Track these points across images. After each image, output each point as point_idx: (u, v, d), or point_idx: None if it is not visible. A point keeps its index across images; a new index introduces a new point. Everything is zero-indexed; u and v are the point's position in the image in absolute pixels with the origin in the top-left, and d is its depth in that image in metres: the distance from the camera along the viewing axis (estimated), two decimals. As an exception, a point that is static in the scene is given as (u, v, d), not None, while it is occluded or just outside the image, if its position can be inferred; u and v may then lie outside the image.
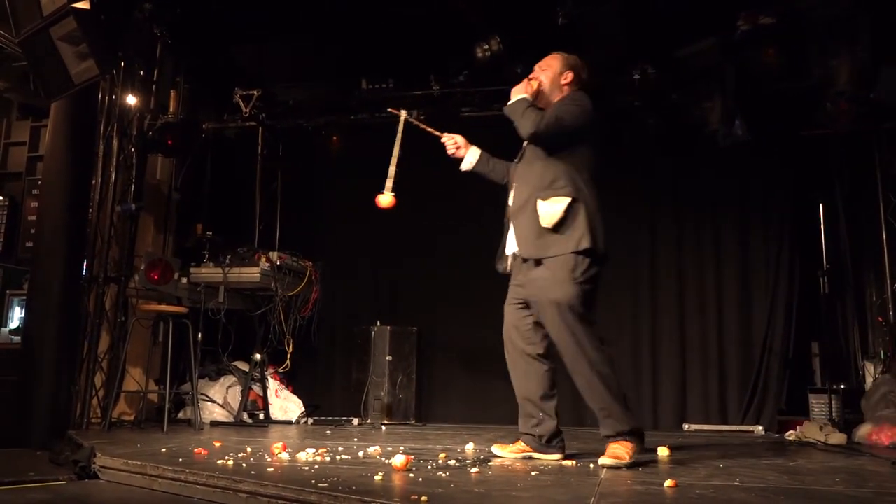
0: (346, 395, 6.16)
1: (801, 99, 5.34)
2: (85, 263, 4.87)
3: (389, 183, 3.37)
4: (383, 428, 5.39)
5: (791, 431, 4.74)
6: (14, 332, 5.74)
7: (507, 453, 3.36)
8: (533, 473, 2.74)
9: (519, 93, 3.23)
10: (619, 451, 3.01)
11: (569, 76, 3.33)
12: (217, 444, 3.69)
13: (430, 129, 3.46)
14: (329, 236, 6.65)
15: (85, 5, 3.79)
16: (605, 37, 5.06)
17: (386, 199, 3.36)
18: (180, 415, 5.57)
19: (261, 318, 5.84)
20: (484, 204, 6.10)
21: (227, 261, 5.50)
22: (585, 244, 3.07)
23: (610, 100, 5.82)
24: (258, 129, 6.51)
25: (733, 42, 5.10)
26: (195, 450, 3.34)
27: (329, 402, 6.35)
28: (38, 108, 6.14)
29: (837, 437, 4.35)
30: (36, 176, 6.18)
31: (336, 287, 6.45)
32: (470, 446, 3.81)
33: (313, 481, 2.42)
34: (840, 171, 5.74)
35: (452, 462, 3.06)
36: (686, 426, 5.57)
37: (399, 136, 3.44)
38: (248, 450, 3.40)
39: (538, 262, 3.14)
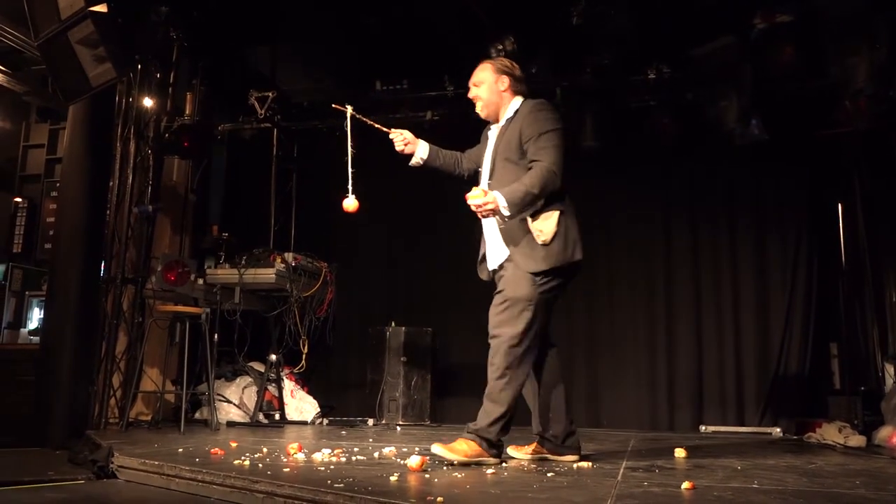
0: (361, 396, 6.17)
1: (818, 97, 5.29)
2: (102, 265, 4.91)
3: (350, 185, 3.26)
4: (398, 428, 5.39)
5: (810, 433, 4.70)
6: (33, 332, 5.80)
7: (523, 455, 3.34)
8: (549, 475, 2.73)
9: (491, 198, 2.96)
10: (459, 446, 3.01)
11: (504, 81, 3.30)
12: (233, 445, 3.70)
13: (377, 126, 3.40)
14: (344, 237, 6.66)
15: (102, 9, 3.83)
16: (619, 36, 5.04)
17: (351, 203, 3.24)
18: (197, 415, 5.60)
19: (276, 318, 5.86)
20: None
21: (243, 262, 5.53)
22: (578, 256, 3.15)
23: (624, 99, 5.80)
24: (273, 130, 6.54)
25: (750, 40, 5.06)
26: (212, 450, 3.36)
27: (344, 403, 6.37)
28: (56, 110, 6.21)
29: (857, 440, 4.31)
30: (54, 178, 6.24)
31: (351, 288, 6.46)
32: (485, 447, 3.79)
33: (329, 482, 2.43)
34: (859, 170, 5.67)
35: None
36: (703, 428, 5.53)
37: (349, 133, 3.35)
38: (264, 450, 3.41)
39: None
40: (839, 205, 5.34)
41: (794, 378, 5.54)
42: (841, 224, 5.29)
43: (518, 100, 3.31)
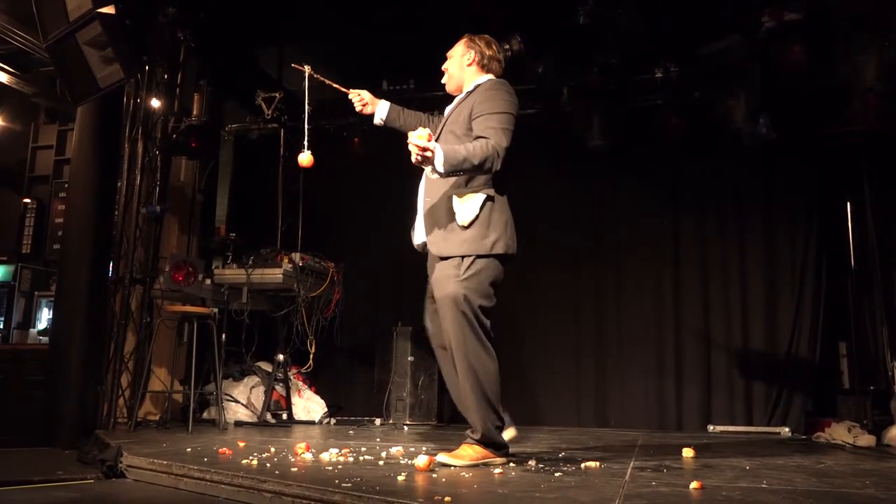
0: (369, 396, 6.18)
1: (827, 96, 5.27)
2: (111, 265, 4.93)
3: (305, 142, 3.34)
4: (406, 428, 5.40)
5: (819, 433, 4.68)
6: (42, 332, 5.82)
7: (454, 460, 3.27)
8: (556, 475, 2.72)
9: (432, 146, 2.79)
10: (464, 452, 2.95)
11: (471, 56, 3.25)
12: (241, 444, 3.71)
13: (336, 86, 3.43)
14: (351, 237, 6.67)
15: (110, 10, 3.84)
16: (627, 35, 5.03)
17: (305, 158, 3.30)
18: (205, 415, 5.62)
19: (283, 318, 5.86)
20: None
21: (251, 262, 5.54)
22: (500, 249, 3.00)
23: (632, 98, 5.79)
24: (280, 130, 6.55)
25: (758, 39, 5.04)
26: (220, 449, 3.36)
27: (351, 403, 6.38)
28: (65, 112, 6.24)
29: (866, 440, 4.29)
30: (63, 179, 6.27)
31: (358, 287, 6.47)
32: (493, 447, 3.79)
33: (337, 481, 2.43)
34: (868, 169, 5.64)
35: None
36: (711, 427, 5.52)
37: (306, 92, 3.48)
38: (272, 450, 3.42)
39: (443, 257, 3.05)
40: (848, 203, 5.31)
41: (803, 377, 5.51)
42: (850, 223, 5.26)
43: (485, 77, 3.24)
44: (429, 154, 2.76)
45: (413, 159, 2.79)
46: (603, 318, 6.12)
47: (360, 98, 3.44)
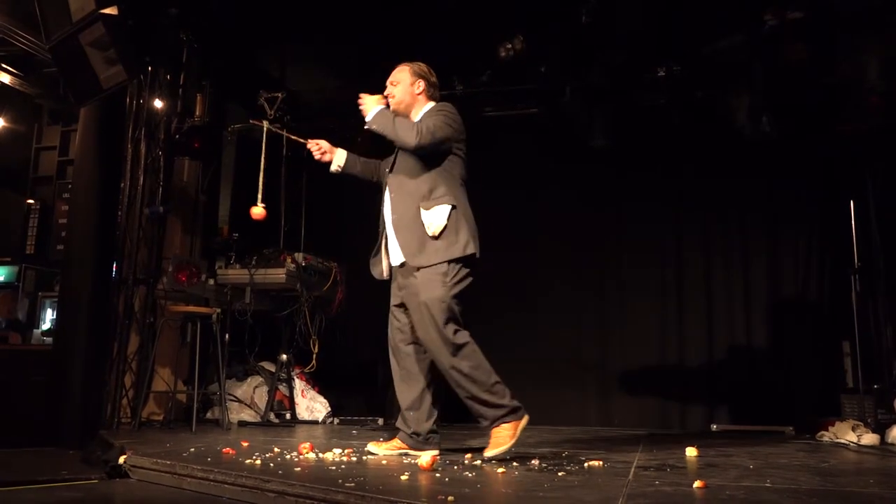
0: (372, 395, 6.18)
1: (830, 94, 5.26)
2: (114, 265, 4.94)
3: (259, 195, 3.54)
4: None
5: (823, 432, 4.67)
6: (46, 333, 5.84)
7: (384, 450, 3.40)
8: (560, 474, 2.72)
9: (374, 105, 3.27)
10: (500, 437, 3.09)
11: (420, 85, 3.45)
12: (244, 444, 3.72)
13: (294, 137, 3.58)
14: (354, 237, 6.64)
15: (113, 11, 3.85)
16: (629, 34, 5.03)
17: (257, 210, 3.53)
18: (208, 415, 5.63)
19: (287, 318, 5.87)
20: (508, 209, 6.11)
21: (254, 262, 5.54)
22: (471, 250, 3.21)
23: (634, 98, 5.78)
24: (283, 131, 6.54)
25: (760, 37, 5.03)
26: (223, 449, 3.37)
27: (355, 402, 6.38)
28: (68, 113, 6.25)
29: (870, 438, 4.28)
30: (66, 179, 6.28)
31: (361, 287, 6.46)
32: (496, 446, 3.79)
33: (340, 481, 2.43)
34: (871, 168, 5.63)
35: (479, 462, 3.06)
36: (714, 426, 5.51)
37: (264, 146, 3.61)
38: (276, 449, 3.42)
39: (417, 268, 3.23)
40: (851, 202, 5.29)
41: (807, 376, 5.51)
42: (853, 221, 5.25)
43: (431, 104, 3.46)
44: (364, 107, 3.26)
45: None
46: (606, 316, 6.12)
47: (319, 147, 3.64)
